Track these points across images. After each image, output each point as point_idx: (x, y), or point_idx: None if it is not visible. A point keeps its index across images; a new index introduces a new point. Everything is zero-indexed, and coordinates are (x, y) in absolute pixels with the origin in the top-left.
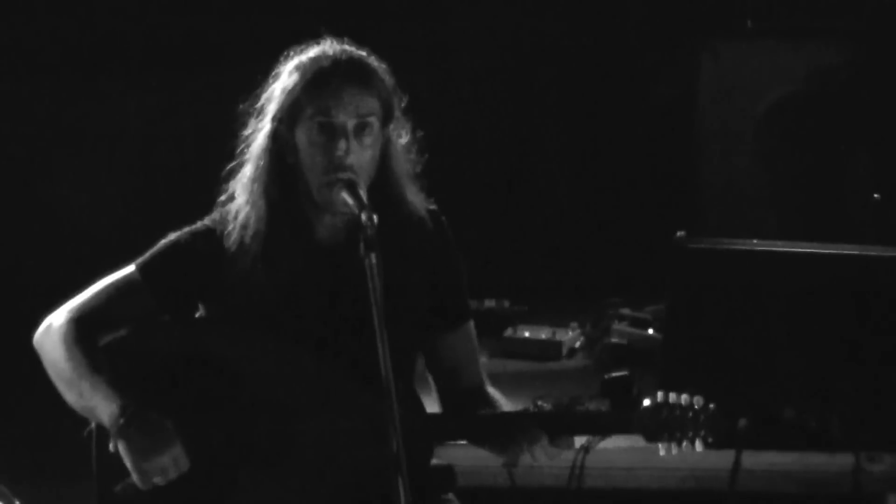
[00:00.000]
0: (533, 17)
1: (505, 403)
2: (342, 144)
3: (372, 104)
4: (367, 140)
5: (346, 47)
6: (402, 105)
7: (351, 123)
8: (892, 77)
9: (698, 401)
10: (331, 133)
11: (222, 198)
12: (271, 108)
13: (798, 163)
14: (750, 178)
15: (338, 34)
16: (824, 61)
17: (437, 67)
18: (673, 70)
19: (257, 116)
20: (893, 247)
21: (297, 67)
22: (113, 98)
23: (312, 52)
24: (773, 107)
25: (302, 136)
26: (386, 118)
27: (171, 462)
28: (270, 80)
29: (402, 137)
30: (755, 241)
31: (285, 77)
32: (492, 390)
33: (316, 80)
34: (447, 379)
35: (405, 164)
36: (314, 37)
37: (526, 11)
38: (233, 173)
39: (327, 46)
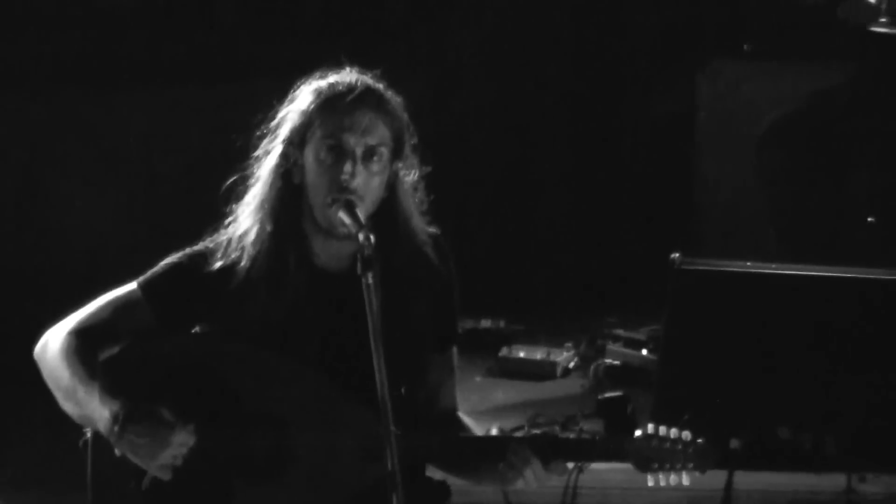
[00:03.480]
0: (534, 34)
1: (475, 427)
2: (348, 167)
3: (383, 133)
4: (375, 167)
5: (364, 77)
6: (413, 142)
7: (360, 148)
8: (891, 99)
9: (686, 435)
10: (339, 155)
11: (228, 220)
12: (283, 130)
13: (796, 184)
14: (748, 199)
15: (332, 49)
16: (824, 83)
17: (437, 85)
18: (672, 90)
19: (270, 138)
20: (889, 269)
21: (314, 91)
22: (118, 111)
23: (331, 77)
24: (771, 128)
25: (310, 156)
26: (396, 150)
27: (177, 448)
28: (286, 104)
29: (411, 175)
30: (749, 263)
31: (300, 100)
32: (463, 415)
33: (330, 103)
34: (425, 399)
35: (412, 200)
36: (315, 55)
37: (528, 28)
38: (238, 194)
39: (346, 74)
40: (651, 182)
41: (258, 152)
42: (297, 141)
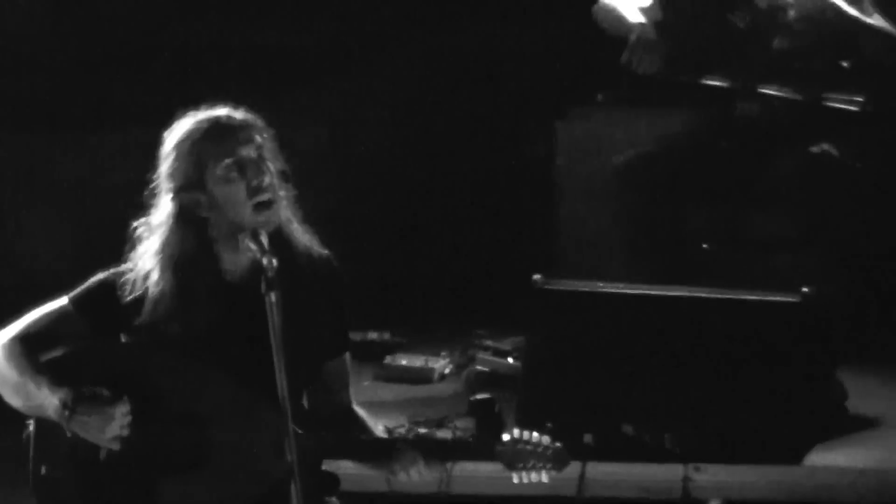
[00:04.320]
0: (420, 88)
1: (368, 418)
2: (252, 171)
3: (257, 138)
4: (268, 165)
5: (219, 108)
6: (274, 148)
7: (254, 154)
8: (725, 139)
9: (547, 440)
10: (242, 167)
11: (138, 245)
12: (176, 178)
13: (644, 214)
14: (601, 229)
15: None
16: (665, 128)
17: (335, 127)
18: (537, 135)
19: (159, 190)
20: (719, 289)
21: (189, 134)
22: (55, 149)
23: (195, 117)
24: (620, 167)
25: (217, 184)
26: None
27: (121, 419)
28: (162, 160)
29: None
30: (601, 284)
31: (178, 148)
32: (357, 408)
33: (211, 134)
34: (323, 398)
35: (291, 208)
36: (229, 100)
37: (415, 82)
38: (141, 238)
39: (203, 111)
40: (518, 214)
41: (152, 200)
42: (194, 184)
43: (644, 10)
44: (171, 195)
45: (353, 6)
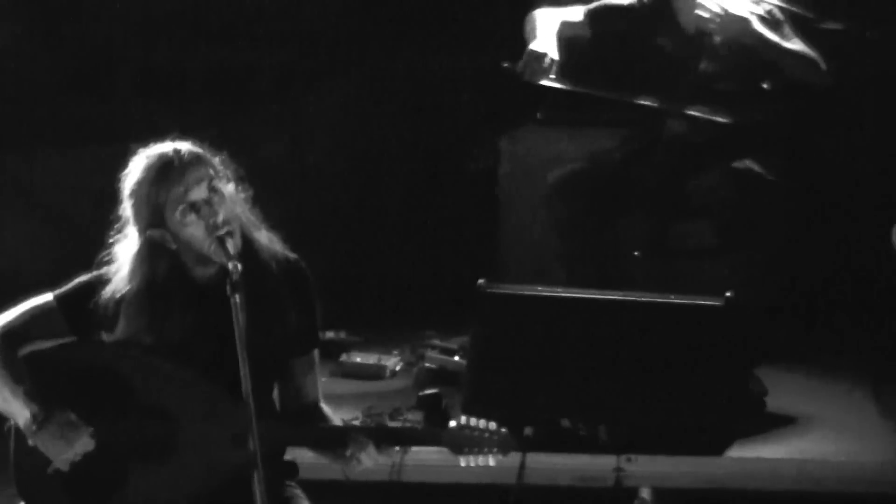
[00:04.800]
0: (385, 109)
1: (333, 416)
2: (207, 211)
3: (206, 172)
4: (217, 198)
5: (166, 145)
6: (219, 160)
7: (205, 193)
8: (654, 155)
9: (493, 425)
10: (196, 209)
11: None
12: (140, 218)
13: (579, 224)
14: (541, 237)
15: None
16: (599, 145)
17: (297, 142)
18: (482, 151)
19: (125, 228)
20: (649, 293)
21: (140, 181)
22: (35, 165)
23: (149, 160)
24: (558, 180)
25: (176, 224)
26: (215, 178)
27: (80, 449)
28: (123, 200)
29: (229, 184)
30: (540, 288)
31: (132, 193)
32: (324, 406)
33: (161, 180)
34: (291, 394)
35: (242, 206)
36: (197, 118)
37: (371, 103)
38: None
39: (152, 149)
40: (464, 224)
41: (113, 240)
42: (156, 222)
43: (570, 26)
44: (137, 233)
45: (318, 33)
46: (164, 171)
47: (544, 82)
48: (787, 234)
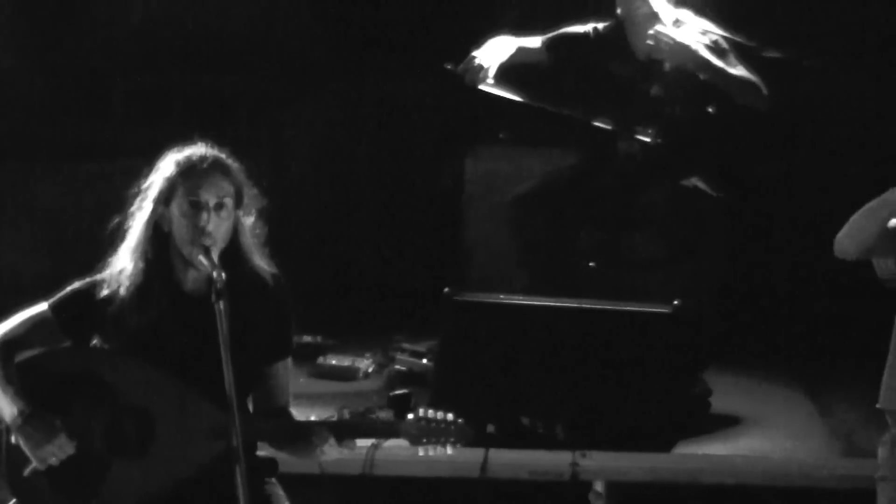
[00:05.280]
0: (363, 131)
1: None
2: (205, 216)
3: (228, 189)
4: (223, 214)
5: (211, 148)
6: (253, 193)
7: (212, 202)
8: (607, 173)
9: (449, 416)
10: (197, 208)
11: (111, 257)
12: (152, 192)
13: (538, 237)
14: (503, 249)
15: (193, 133)
16: (556, 163)
17: (276, 160)
18: (449, 168)
19: (141, 197)
20: (602, 301)
21: (174, 162)
22: (35, 179)
23: (187, 150)
24: (519, 195)
25: (175, 210)
26: (238, 201)
27: (58, 448)
28: (152, 171)
29: (250, 218)
30: (502, 296)
31: (164, 168)
32: (293, 411)
33: (188, 170)
34: (264, 397)
35: (251, 237)
36: (182, 137)
37: (348, 124)
38: (119, 237)
39: (197, 147)
40: (432, 237)
41: (133, 208)
42: (164, 200)
43: (528, 52)
44: (149, 203)
45: (296, 61)
46: (193, 165)
47: (482, 87)
48: (729, 246)
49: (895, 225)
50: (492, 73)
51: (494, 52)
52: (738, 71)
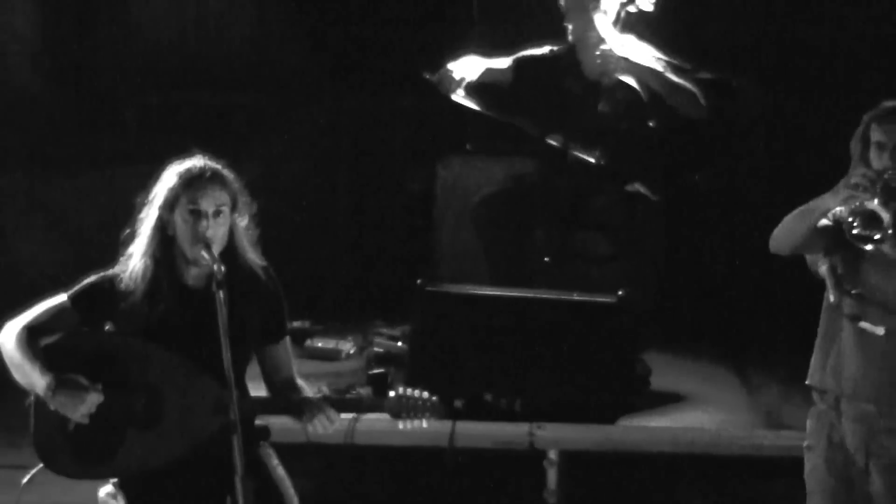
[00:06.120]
0: (345, 141)
1: (306, 386)
2: (204, 223)
3: (224, 198)
4: (221, 220)
5: (210, 161)
6: (245, 200)
7: (210, 210)
8: (560, 180)
9: (424, 394)
10: (197, 216)
11: (123, 257)
12: (158, 200)
13: (500, 235)
14: (470, 246)
15: (194, 147)
16: (516, 170)
17: (266, 166)
18: (422, 174)
19: (148, 205)
20: (556, 291)
21: (176, 173)
22: (56, 185)
23: (188, 163)
24: (483, 199)
25: (178, 217)
26: (234, 207)
27: (90, 402)
28: (157, 182)
29: (244, 220)
30: (468, 287)
31: (167, 179)
32: (299, 380)
33: (188, 181)
34: (272, 372)
35: (245, 238)
36: (188, 153)
37: (333, 136)
38: (130, 240)
39: (197, 160)
40: (407, 234)
41: (141, 214)
42: (168, 207)
43: (494, 72)
44: (155, 210)
45: (285, 80)
46: (195, 176)
47: (455, 97)
48: (667, 242)
49: (823, 225)
50: (462, 85)
51: (466, 68)
52: (679, 80)
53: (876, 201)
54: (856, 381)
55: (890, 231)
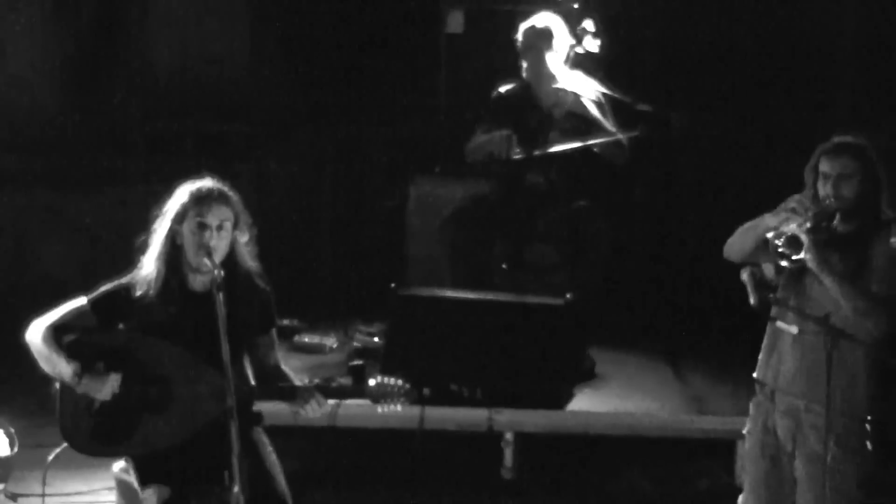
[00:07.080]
0: (322, 166)
1: (292, 374)
2: (208, 234)
3: (228, 214)
4: (223, 234)
5: (216, 182)
6: (246, 219)
7: (215, 223)
8: (518, 197)
9: (399, 382)
10: (203, 228)
11: (138, 262)
12: (170, 213)
13: (464, 245)
14: (437, 254)
15: (199, 166)
16: (478, 190)
17: (259, 185)
18: (394, 192)
19: (161, 218)
20: (514, 294)
21: (188, 191)
22: (74, 201)
23: (198, 182)
24: (449, 214)
25: (186, 229)
26: (235, 224)
27: (113, 385)
28: (170, 198)
29: (244, 237)
30: (437, 291)
31: (179, 195)
32: (284, 367)
33: (197, 199)
34: (259, 361)
35: (244, 251)
36: (197, 174)
37: (319, 160)
38: (144, 249)
39: (206, 180)
40: (382, 244)
41: (154, 226)
42: (178, 220)
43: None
44: (167, 222)
45: (276, 110)
46: (202, 194)
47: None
48: (609, 251)
49: (770, 237)
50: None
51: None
52: (610, 126)
53: (801, 226)
54: (789, 378)
55: (808, 254)
